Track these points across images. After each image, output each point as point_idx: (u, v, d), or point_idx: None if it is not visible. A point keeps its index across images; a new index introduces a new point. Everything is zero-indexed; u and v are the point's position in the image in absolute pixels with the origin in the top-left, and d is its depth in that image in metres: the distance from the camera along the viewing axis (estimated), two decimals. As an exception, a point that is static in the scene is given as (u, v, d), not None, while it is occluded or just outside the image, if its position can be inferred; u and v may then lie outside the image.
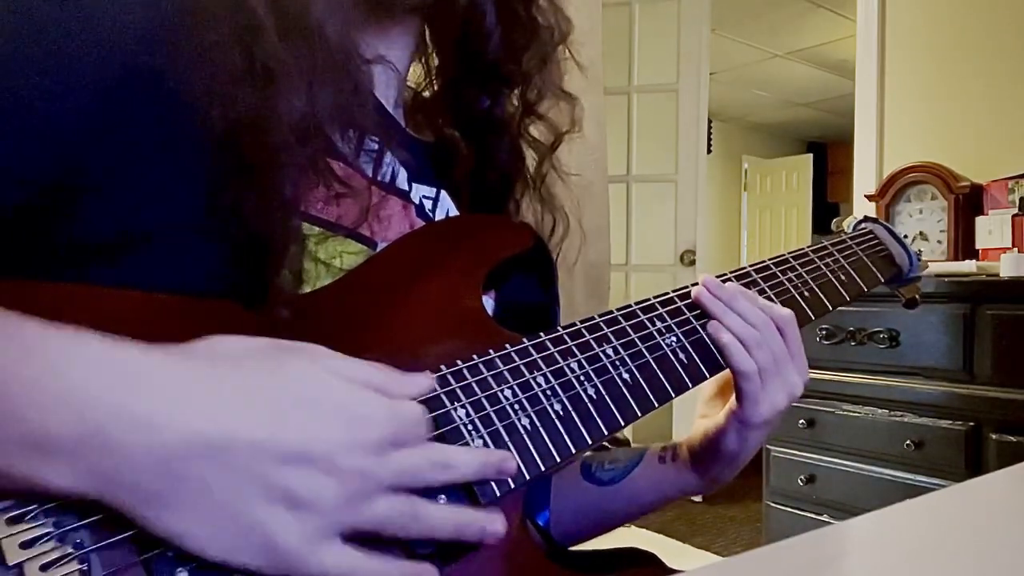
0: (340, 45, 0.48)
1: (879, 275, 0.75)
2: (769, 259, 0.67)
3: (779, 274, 0.66)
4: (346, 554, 0.37)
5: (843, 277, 0.71)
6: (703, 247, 3.28)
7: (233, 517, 0.34)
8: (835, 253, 0.73)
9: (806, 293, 0.66)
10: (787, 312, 0.59)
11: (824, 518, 1.86)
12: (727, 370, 0.58)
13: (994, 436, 1.58)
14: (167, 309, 0.41)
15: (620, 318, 0.55)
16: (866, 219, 0.82)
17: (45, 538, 0.32)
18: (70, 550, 0.32)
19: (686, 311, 0.58)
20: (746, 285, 0.62)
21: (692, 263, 3.24)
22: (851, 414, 1.83)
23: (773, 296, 0.64)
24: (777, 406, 0.57)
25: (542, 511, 0.63)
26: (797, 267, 0.68)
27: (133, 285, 0.41)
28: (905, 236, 0.81)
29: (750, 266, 0.66)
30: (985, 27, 2.16)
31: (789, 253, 0.69)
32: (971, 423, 1.62)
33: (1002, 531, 0.40)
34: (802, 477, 1.90)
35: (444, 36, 0.64)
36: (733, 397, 0.58)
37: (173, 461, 0.33)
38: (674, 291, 0.59)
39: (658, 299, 0.58)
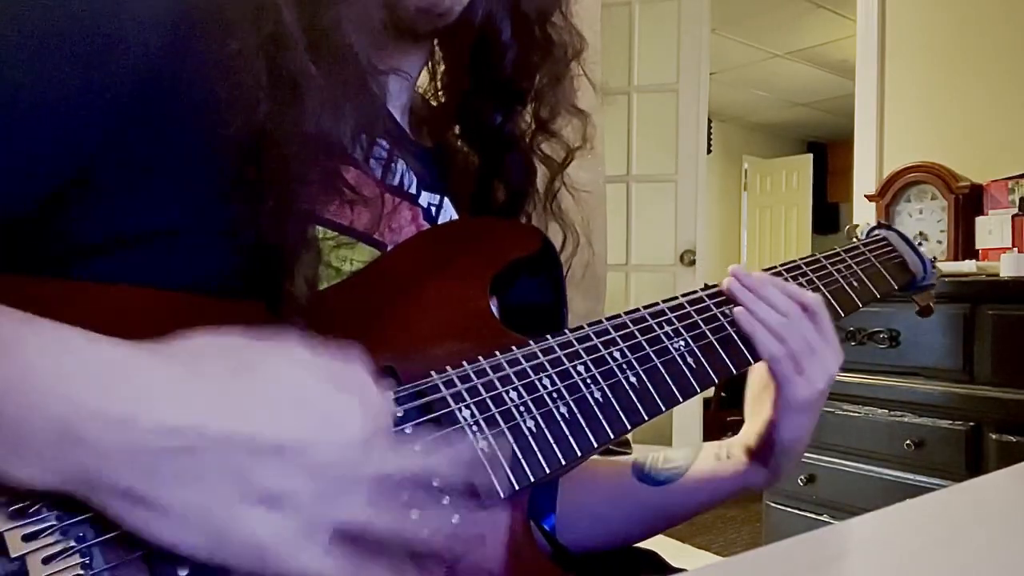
0: (365, 63, 0.48)
1: (893, 282, 0.75)
2: (780, 265, 0.67)
3: (790, 280, 0.65)
4: (331, 556, 0.36)
5: (856, 284, 0.70)
6: (703, 247, 3.29)
7: (208, 515, 0.34)
8: (848, 260, 0.72)
9: None
10: (815, 297, 0.61)
11: (824, 518, 1.87)
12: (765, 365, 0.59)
13: (994, 436, 1.58)
14: (191, 309, 0.41)
15: (628, 322, 0.55)
16: (880, 225, 0.82)
17: (48, 531, 0.32)
18: (72, 543, 0.32)
19: (695, 315, 0.58)
20: None
21: (692, 263, 3.25)
22: (851, 414, 1.83)
23: None
24: (816, 386, 0.59)
25: (547, 515, 0.63)
26: (809, 273, 0.68)
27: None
28: (920, 244, 0.82)
29: (763, 271, 0.65)
30: (985, 27, 2.16)
31: (802, 259, 0.69)
32: (971, 423, 1.62)
33: (1002, 531, 0.40)
34: (802, 477, 1.91)
35: (458, 52, 0.63)
36: (775, 389, 0.60)
37: (143, 455, 0.33)
38: (683, 295, 0.59)
39: (667, 303, 0.58)
